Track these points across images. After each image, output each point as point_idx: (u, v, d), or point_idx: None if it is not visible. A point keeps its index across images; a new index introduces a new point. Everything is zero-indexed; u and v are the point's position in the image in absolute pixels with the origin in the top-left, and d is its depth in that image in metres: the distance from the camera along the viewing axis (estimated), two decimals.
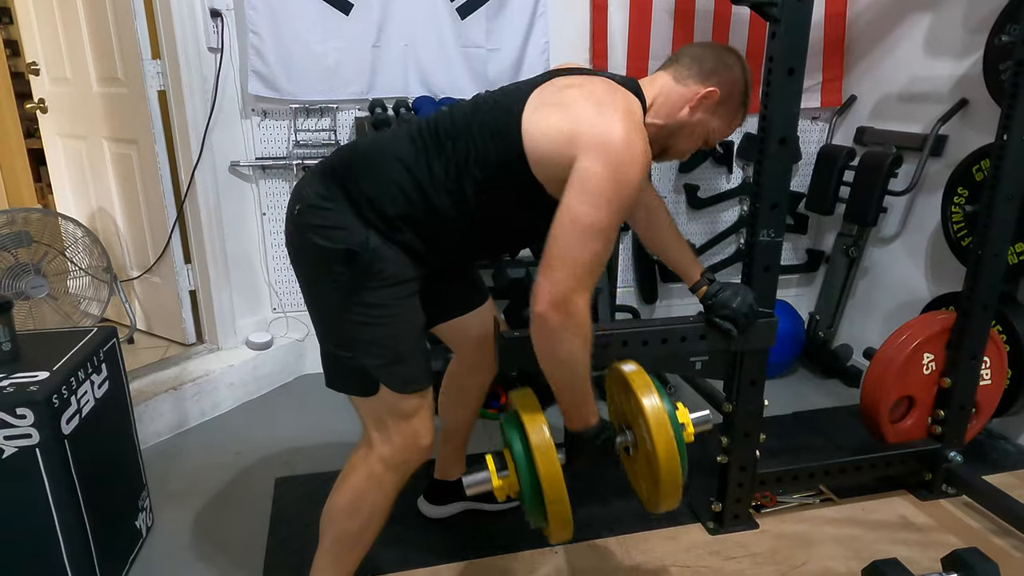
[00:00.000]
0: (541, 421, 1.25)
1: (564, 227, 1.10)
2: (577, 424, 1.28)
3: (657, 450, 1.22)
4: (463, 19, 2.52)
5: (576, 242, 1.10)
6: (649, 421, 1.23)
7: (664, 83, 1.33)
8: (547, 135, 1.16)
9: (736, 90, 1.34)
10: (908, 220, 2.59)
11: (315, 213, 1.22)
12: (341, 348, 1.25)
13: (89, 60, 2.55)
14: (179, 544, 1.79)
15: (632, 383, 1.28)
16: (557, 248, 1.10)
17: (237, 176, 2.53)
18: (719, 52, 1.35)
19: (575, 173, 1.11)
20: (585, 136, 1.12)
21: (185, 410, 2.36)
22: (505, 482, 1.27)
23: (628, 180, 1.11)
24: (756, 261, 1.60)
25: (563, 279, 1.09)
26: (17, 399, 1.34)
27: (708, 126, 1.36)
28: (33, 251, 2.49)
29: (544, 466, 1.21)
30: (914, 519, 1.85)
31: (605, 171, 1.10)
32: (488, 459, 1.30)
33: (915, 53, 2.50)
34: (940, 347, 1.88)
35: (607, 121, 1.13)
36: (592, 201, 1.10)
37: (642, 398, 1.25)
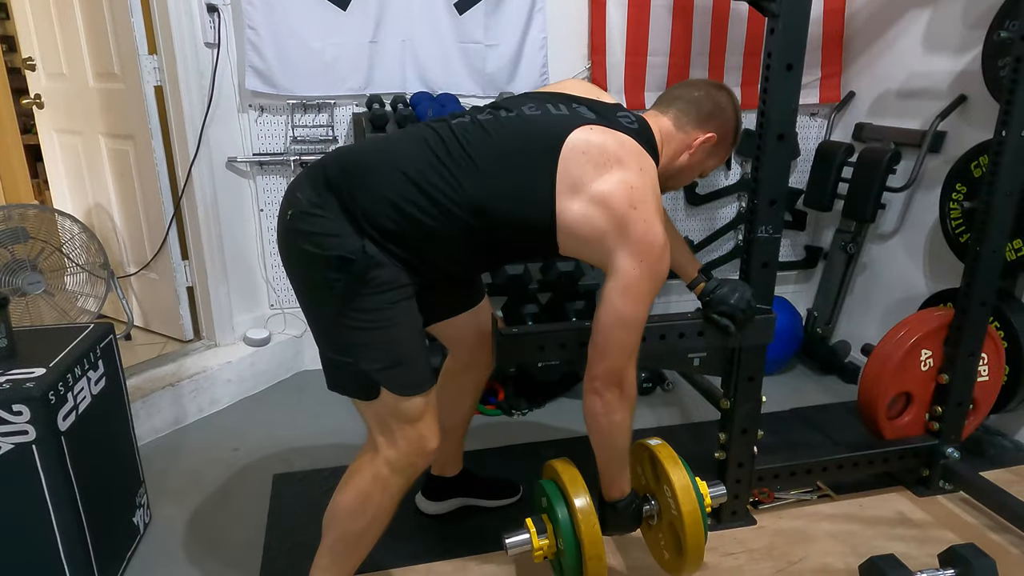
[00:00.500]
0: (585, 489, 1.40)
1: (611, 322, 1.24)
2: (615, 494, 1.42)
3: (684, 519, 1.38)
4: (461, 15, 2.51)
5: (621, 333, 1.24)
6: (677, 492, 1.39)
7: (665, 128, 1.39)
8: (588, 230, 1.21)
9: (730, 130, 1.42)
10: (906, 216, 2.59)
11: (307, 220, 1.20)
12: (339, 354, 1.23)
13: (85, 55, 2.54)
14: (177, 541, 1.78)
15: (660, 456, 1.44)
16: (605, 338, 1.25)
17: (234, 172, 2.52)
18: (713, 95, 1.40)
19: (616, 273, 1.22)
20: (624, 237, 1.20)
21: (183, 406, 2.35)
22: (545, 544, 1.42)
23: (662, 275, 1.25)
24: (754, 257, 1.59)
25: (614, 361, 1.25)
26: (13, 395, 1.34)
27: (704, 165, 1.45)
28: (30, 247, 2.48)
29: (588, 532, 1.35)
30: (911, 515, 1.85)
31: (644, 272, 1.21)
32: (528, 523, 1.44)
33: (914, 49, 2.50)
34: (938, 343, 1.88)
35: (647, 224, 1.20)
36: (634, 300, 1.23)
37: (670, 470, 1.41)
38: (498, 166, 1.20)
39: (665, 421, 2.39)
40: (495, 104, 1.33)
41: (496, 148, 1.22)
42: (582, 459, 1.48)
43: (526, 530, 1.43)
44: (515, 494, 1.86)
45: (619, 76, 2.68)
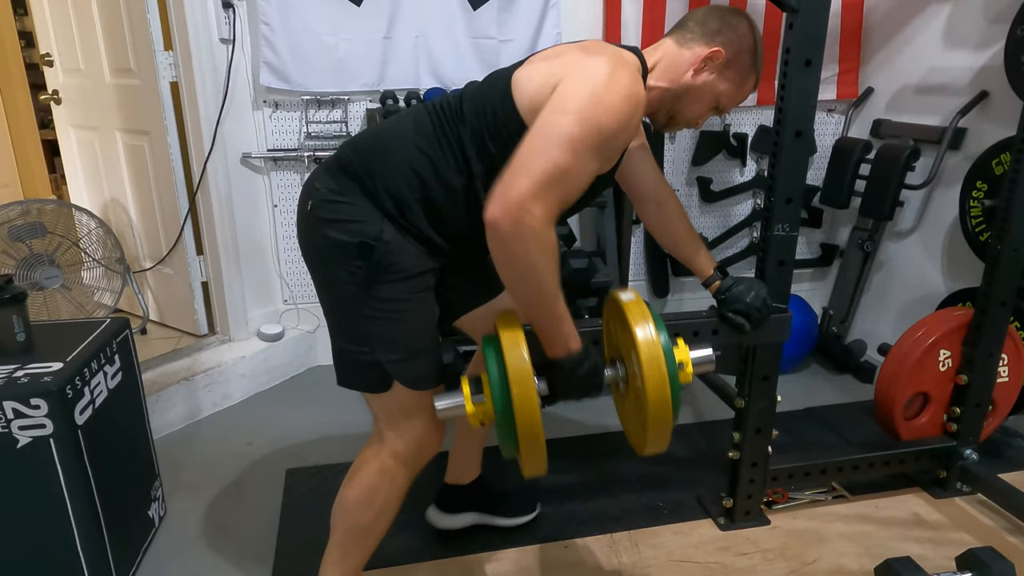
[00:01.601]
0: (521, 343, 1.11)
1: (531, 136, 1.06)
2: (557, 350, 1.15)
3: (646, 387, 1.08)
4: (474, 10, 2.50)
5: (541, 150, 1.04)
6: (641, 354, 1.09)
7: (667, 48, 1.31)
8: (534, 78, 1.16)
9: (743, 49, 1.29)
10: (925, 214, 2.56)
11: (329, 207, 1.21)
12: (356, 343, 1.24)
13: (102, 51, 2.56)
14: (191, 534, 1.80)
15: (627, 312, 1.13)
16: (520, 155, 1.05)
17: (249, 168, 2.53)
18: (724, 13, 1.31)
19: (553, 94, 1.09)
20: (569, 67, 1.13)
21: (197, 401, 2.37)
22: (479, 408, 1.16)
23: (605, 100, 1.07)
24: (770, 255, 1.58)
25: (519, 186, 1.02)
26: (31, 390, 1.35)
27: (716, 89, 1.31)
28: (47, 242, 2.51)
29: (519, 392, 1.07)
30: (928, 517, 1.83)
31: (584, 89, 1.08)
32: (463, 381, 1.18)
33: (934, 44, 2.46)
34: (957, 343, 1.85)
35: (592, 56, 1.14)
36: (564, 112, 1.06)
37: (635, 328, 1.11)
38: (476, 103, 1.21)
39: (679, 419, 2.37)
40: None
41: (472, 91, 1.24)
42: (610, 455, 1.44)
43: (460, 390, 1.18)
44: (532, 511, 1.81)
45: None
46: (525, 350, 1.10)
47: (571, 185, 1.07)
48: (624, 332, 1.16)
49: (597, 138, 1.07)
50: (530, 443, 1.11)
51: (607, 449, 2.14)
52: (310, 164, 2.53)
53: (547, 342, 1.15)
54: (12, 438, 1.36)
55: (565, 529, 1.79)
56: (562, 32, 2.59)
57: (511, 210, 1.01)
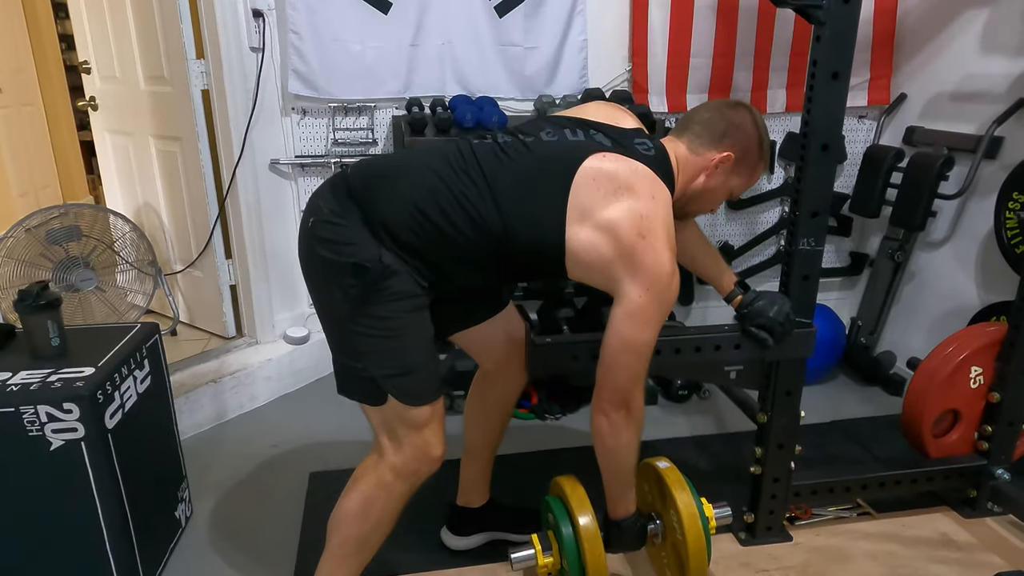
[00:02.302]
0: (590, 508, 1.41)
1: (616, 347, 1.24)
2: (620, 512, 1.42)
3: (688, 543, 1.40)
4: (501, 17, 2.51)
5: (628, 358, 1.25)
6: (682, 516, 1.40)
7: (680, 153, 1.37)
8: (594, 257, 1.21)
9: (751, 146, 1.37)
10: (958, 224, 2.49)
11: (327, 228, 1.22)
12: (351, 359, 1.26)
13: (137, 60, 2.62)
14: (216, 535, 1.84)
15: (667, 479, 1.46)
16: (611, 362, 1.25)
17: (277, 174, 2.57)
18: (727, 113, 1.37)
19: (622, 299, 1.22)
20: (631, 265, 1.19)
21: (224, 402, 2.42)
22: (549, 562, 1.44)
23: (669, 303, 1.24)
24: (795, 269, 1.56)
25: (621, 385, 1.26)
26: (64, 394, 1.39)
27: (728, 185, 1.41)
28: (83, 245, 2.58)
29: (591, 553, 1.37)
30: (956, 537, 1.79)
31: (651, 300, 1.21)
32: (534, 539, 1.46)
33: (970, 50, 2.40)
34: (989, 360, 1.81)
35: (655, 254, 1.19)
36: (641, 327, 1.23)
37: (676, 495, 1.43)
38: (512, 189, 1.22)
39: (700, 430, 2.36)
40: (515, 128, 1.33)
41: (511, 171, 1.24)
42: None
43: (532, 546, 1.45)
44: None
45: (660, 78, 2.64)
46: (593, 516, 1.40)
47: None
48: (662, 495, 1.48)
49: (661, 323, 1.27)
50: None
51: None
52: (336, 170, 2.56)
53: (613, 503, 1.42)
54: (46, 441, 1.41)
55: None
56: (588, 39, 2.58)
57: (623, 404, 1.28)
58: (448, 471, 1.80)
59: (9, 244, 2.40)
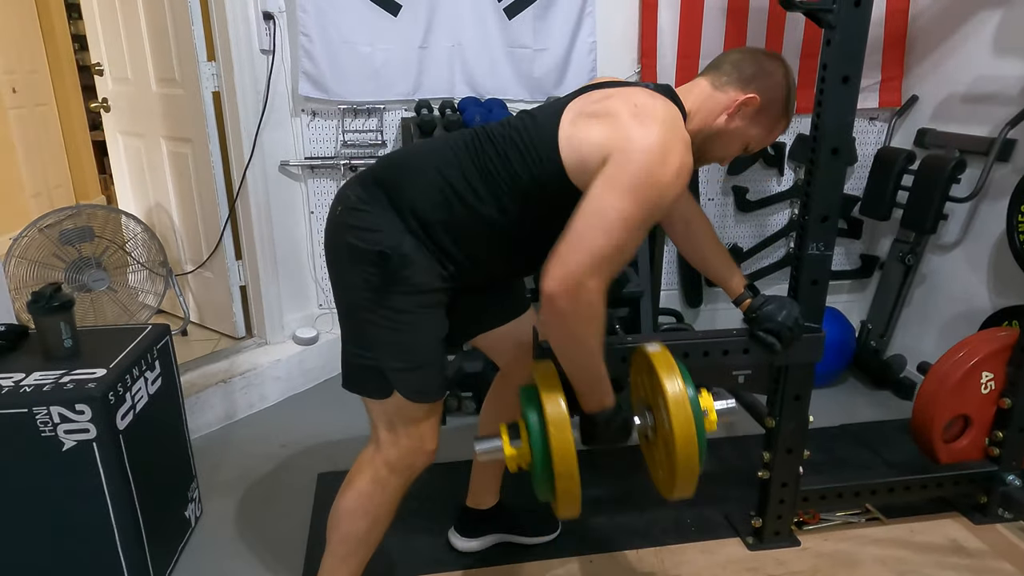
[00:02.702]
0: (559, 394, 1.21)
1: (586, 213, 1.09)
2: (592, 406, 1.25)
3: (674, 435, 1.17)
4: (510, 19, 2.51)
5: (596, 228, 1.08)
6: (669, 404, 1.18)
7: (702, 89, 1.31)
8: (586, 142, 1.16)
9: (778, 97, 1.31)
10: (970, 227, 2.47)
11: (354, 214, 1.24)
12: (362, 347, 1.27)
13: (149, 62, 2.64)
14: (225, 535, 1.85)
15: (655, 364, 1.23)
16: (576, 232, 1.08)
17: (286, 175, 2.59)
18: (760, 58, 1.31)
19: (606, 167, 1.11)
20: (622, 137, 1.12)
21: (234, 402, 2.44)
22: (517, 452, 1.25)
23: (661, 180, 1.10)
24: (804, 274, 1.55)
25: (577, 263, 1.07)
26: (76, 395, 1.41)
27: (747, 133, 1.33)
28: (96, 245, 2.60)
29: (557, 439, 1.18)
30: (966, 543, 1.77)
31: (637, 166, 1.09)
32: (501, 428, 1.28)
33: (983, 51, 2.38)
34: (1000, 365, 1.80)
35: (646, 126, 1.13)
36: (619, 191, 1.09)
37: (663, 380, 1.20)
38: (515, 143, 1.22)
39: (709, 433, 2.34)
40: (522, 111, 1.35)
41: (513, 132, 1.25)
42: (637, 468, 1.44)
43: (498, 436, 1.28)
44: (554, 529, 1.80)
45: (670, 79, 2.64)
46: (564, 401, 1.20)
47: (624, 257, 1.13)
48: (652, 383, 1.25)
49: (650, 213, 1.12)
50: (567, 488, 1.19)
51: (634, 462, 2.12)
52: (346, 172, 2.58)
53: (585, 398, 1.24)
54: (59, 441, 1.42)
55: (591, 543, 1.79)
56: (597, 41, 2.58)
57: (569, 286, 1.07)
58: (457, 475, 1.82)
59: (23, 245, 2.43)
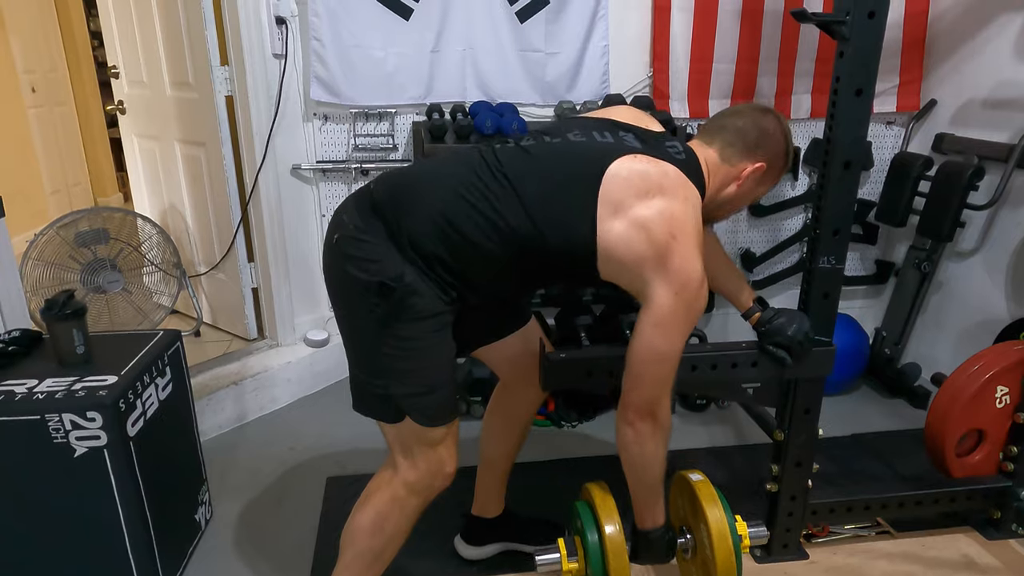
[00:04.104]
0: (617, 518, 1.40)
1: (643, 355, 1.22)
2: (648, 524, 1.40)
3: (717, 561, 1.36)
4: (522, 23, 2.50)
5: (655, 366, 1.23)
6: (712, 533, 1.37)
7: (711, 159, 1.35)
8: (626, 253, 1.19)
9: (780, 154, 1.37)
10: (988, 235, 2.43)
11: (353, 244, 1.22)
12: (370, 375, 1.26)
13: (163, 66, 2.66)
14: (235, 538, 1.87)
15: (699, 493, 1.43)
16: (639, 369, 1.23)
17: (298, 178, 2.60)
18: (758, 120, 1.35)
19: (651, 304, 1.20)
20: (663, 266, 1.17)
21: (245, 404, 2.46)
22: (574, 567, 1.42)
23: (699, 311, 1.22)
24: (815, 288, 1.53)
25: (647, 393, 1.24)
26: (88, 402, 1.43)
27: (756, 192, 1.41)
28: (111, 247, 2.63)
29: (616, 563, 1.36)
30: (979, 559, 1.75)
31: (680, 306, 1.19)
32: (560, 543, 1.45)
33: (1004, 56, 2.34)
34: (1016, 379, 1.76)
35: (686, 257, 1.18)
36: (668, 333, 1.21)
37: (707, 510, 1.39)
38: (539, 190, 1.21)
39: (719, 441, 2.34)
40: (538, 131, 1.32)
41: (537, 173, 1.22)
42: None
43: (557, 550, 1.44)
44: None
45: (682, 84, 2.62)
46: (620, 525, 1.39)
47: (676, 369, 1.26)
48: (694, 508, 1.45)
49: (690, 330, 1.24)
50: None
51: None
52: (357, 175, 2.59)
53: (640, 514, 1.40)
54: (70, 448, 1.44)
55: None
56: (610, 45, 2.56)
57: (649, 414, 1.25)
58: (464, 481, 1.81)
59: (39, 246, 2.46)
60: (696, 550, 1.47)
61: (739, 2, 2.54)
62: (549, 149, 1.26)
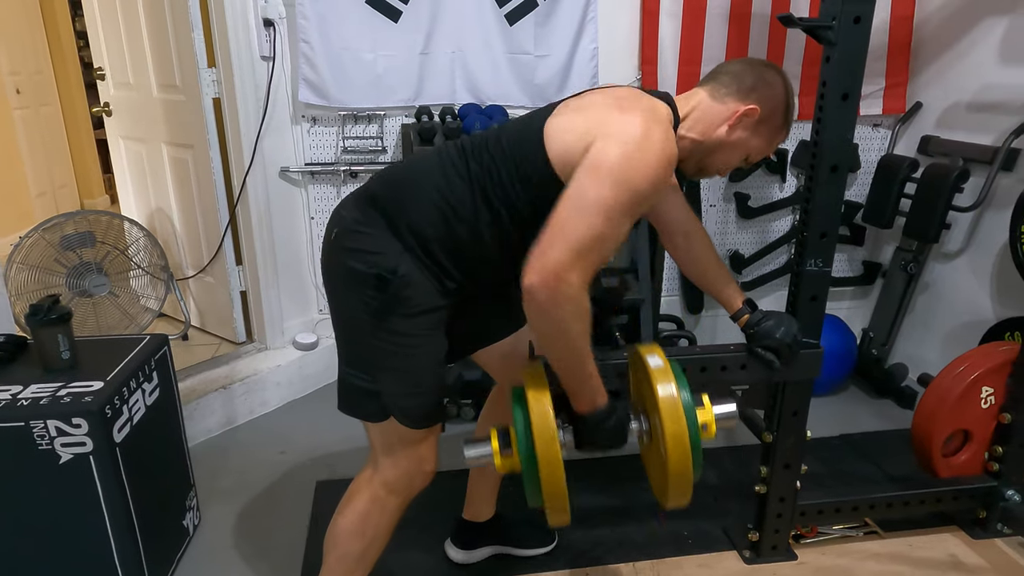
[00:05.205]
0: (546, 400, 1.16)
1: (565, 202, 1.08)
2: (584, 406, 1.20)
3: (667, 444, 1.13)
4: (511, 25, 2.50)
5: (576, 217, 1.06)
6: (662, 413, 1.13)
7: (701, 99, 1.31)
8: (568, 131, 1.16)
9: (778, 107, 1.30)
10: (974, 237, 2.46)
11: (352, 237, 1.24)
12: (360, 369, 1.27)
13: (150, 67, 2.64)
14: (223, 544, 1.86)
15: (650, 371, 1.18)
16: (555, 222, 1.07)
17: (287, 181, 2.58)
18: (760, 69, 1.31)
19: (587, 155, 1.10)
20: (603, 125, 1.12)
21: (234, 408, 2.44)
22: (507, 460, 1.22)
23: (642, 166, 1.08)
24: (802, 290, 1.54)
25: (557, 253, 1.04)
26: (73, 409, 1.41)
27: (748, 144, 1.32)
28: (97, 251, 2.60)
29: (543, 451, 1.13)
30: (965, 559, 1.77)
31: (617, 152, 1.08)
32: (492, 433, 1.24)
33: (989, 59, 2.36)
34: (1001, 380, 1.78)
35: (627, 113, 1.13)
36: (598, 177, 1.07)
37: (657, 386, 1.14)
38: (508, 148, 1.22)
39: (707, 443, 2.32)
40: None
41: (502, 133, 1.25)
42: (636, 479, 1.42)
43: (488, 442, 1.24)
44: (550, 542, 1.80)
45: (671, 86, 2.62)
46: (550, 406, 1.15)
47: (606, 248, 1.10)
48: (648, 389, 1.19)
49: (631, 201, 1.09)
50: (554, 497, 1.16)
51: (633, 473, 2.12)
52: (346, 178, 2.58)
53: (575, 398, 1.20)
54: (55, 454, 1.43)
55: (588, 556, 1.79)
56: (599, 47, 2.57)
57: (548, 279, 1.04)
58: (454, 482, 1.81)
59: (24, 250, 2.44)
60: (651, 434, 1.25)
61: (727, 5, 2.55)
62: (520, 117, 1.31)
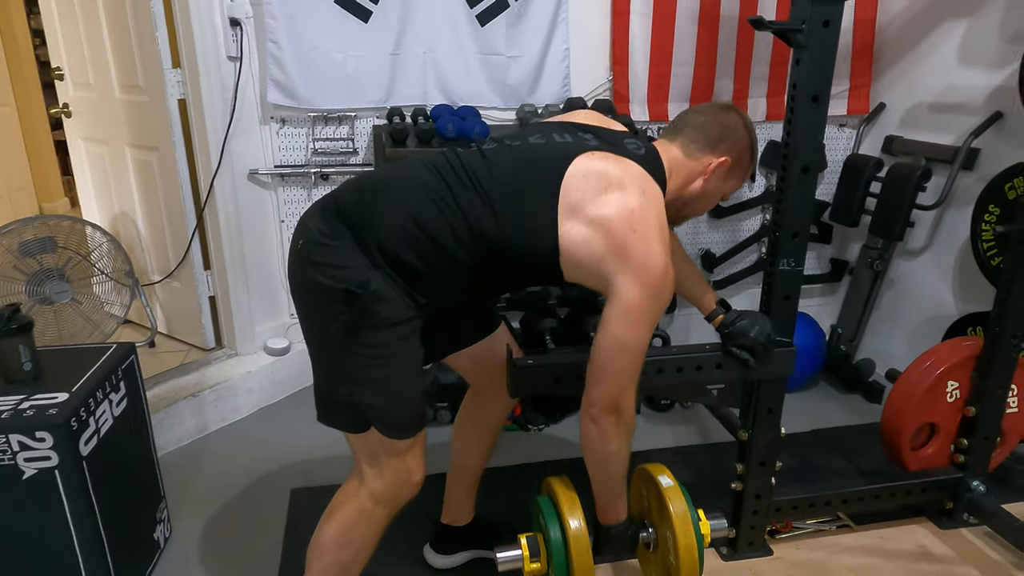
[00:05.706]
0: (580, 513, 1.37)
1: (609, 347, 1.21)
2: (609, 518, 1.41)
3: (679, 553, 1.37)
4: (483, 26, 2.49)
5: (620, 359, 1.22)
6: (675, 525, 1.37)
7: (674, 156, 1.37)
8: (587, 254, 1.19)
9: (745, 150, 1.39)
10: (936, 234, 2.52)
11: (318, 250, 1.21)
12: (336, 383, 1.24)
13: (111, 67, 2.57)
14: (195, 556, 1.82)
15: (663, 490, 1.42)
16: (603, 363, 1.22)
17: (256, 184, 2.54)
18: (722, 117, 1.37)
19: (616, 296, 1.19)
20: (624, 260, 1.17)
21: (205, 416, 2.39)
22: (537, 566, 1.39)
23: (664, 301, 1.22)
24: (775, 290, 1.56)
25: (612, 388, 1.23)
26: (37, 423, 1.36)
27: (723, 189, 1.42)
28: (58, 257, 2.53)
29: (579, 560, 1.34)
30: (934, 549, 1.81)
31: (645, 297, 1.18)
32: (522, 540, 1.41)
33: (949, 61, 2.42)
34: (965, 375, 1.83)
35: (648, 247, 1.18)
36: (634, 325, 1.20)
37: (670, 503, 1.39)
38: (502, 193, 1.22)
39: (684, 440, 2.37)
40: (500, 136, 1.33)
41: (499, 176, 1.23)
42: None
43: (519, 547, 1.41)
44: None
45: (642, 87, 2.64)
46: (583, 521, 1.37)
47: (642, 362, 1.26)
48: (658, 503, 1.44)
49: (659, 317, 1.24)
50: None
51: None
52: (317, 180, 2.54)
53: (603, 510, 1.41)
54: (18, 470, 1.38)
55: None
56: (570, 48, 2.57)
57: (612, 409, 1.24)
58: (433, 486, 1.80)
59: None
60: (658, 543, 1.47)
61: (696, 7, 2.58)
62: (511, 153, 1.27)
